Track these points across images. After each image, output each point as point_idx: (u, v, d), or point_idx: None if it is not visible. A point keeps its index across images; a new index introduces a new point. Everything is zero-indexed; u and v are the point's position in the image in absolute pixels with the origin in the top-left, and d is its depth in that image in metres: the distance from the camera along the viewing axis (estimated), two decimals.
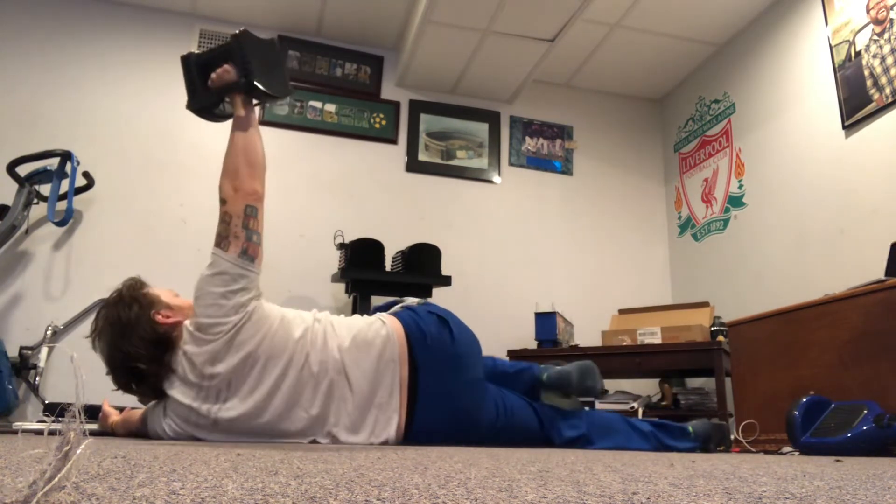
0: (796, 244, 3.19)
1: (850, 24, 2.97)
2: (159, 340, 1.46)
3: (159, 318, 1.47)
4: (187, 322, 1.47)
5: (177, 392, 1.44)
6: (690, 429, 1.86)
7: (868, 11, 2.88)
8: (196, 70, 1.61)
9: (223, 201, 1.49)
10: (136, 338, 1.44)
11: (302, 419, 1.45)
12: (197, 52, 1.64)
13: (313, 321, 1.55)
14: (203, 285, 1.45)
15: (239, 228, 1.46)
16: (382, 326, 1.57)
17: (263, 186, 1.54)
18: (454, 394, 1.53)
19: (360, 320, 1.62)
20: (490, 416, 1.60)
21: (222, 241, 1.46)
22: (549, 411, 1.71)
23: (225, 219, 1.47)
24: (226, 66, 1.57)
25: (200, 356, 1.43)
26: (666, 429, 1.82)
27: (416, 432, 1.50)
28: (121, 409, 1.72)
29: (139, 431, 1.57)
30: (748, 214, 3.57)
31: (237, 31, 1.60)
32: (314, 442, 1.45)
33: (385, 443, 1.48)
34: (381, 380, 1.51)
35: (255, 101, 1.61)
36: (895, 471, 0.79)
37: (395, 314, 1.64)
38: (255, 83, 1.56)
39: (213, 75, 1.58)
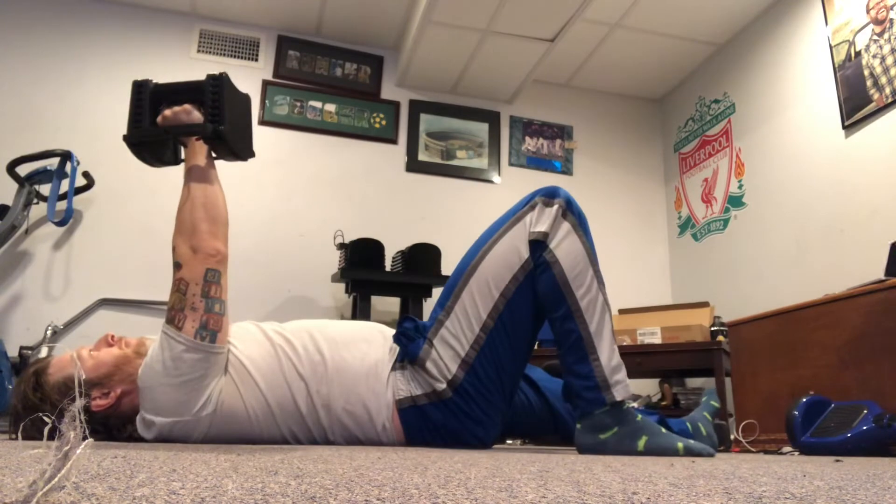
0: (796, 244, 3.19)
1: (850, 24, 2.97)
2: (108, 424, 1.21)
3: (97, 403, 1.20)
4: (137, 418, 1.20)
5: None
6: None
7: (868, 11, 2.88)
8: (150, 99, 1.36)
9: (178, 265, 1.23)
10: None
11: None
12: (156, 81, 1.39)
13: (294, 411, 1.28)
14: (151, 376, 1.18)
15: (197, 298, 1.20)
16: (383, 432, 1.31)
17: (227, 246, 1.28)
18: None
19: (362, 421, 1.30)
20: (509, 433, 1.52)
21: (176, 315, 1.19)
22: (569, 414, 1.56)
23: (180, 287, 1.21)
24: (186, 106, 1.32)
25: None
26: None
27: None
28: None
29: None
30: (748, 214, 3.58)
31: (219, 74, 1.38)
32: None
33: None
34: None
35: (213, 155, 1.39)
36: (895, 471, 0.79)
37: (402, 411, 1.31)
38: (225, 135, 1.32)
39: (168, 112, 1.30)
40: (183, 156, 1.37)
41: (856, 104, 2.90)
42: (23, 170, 3.05)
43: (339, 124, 3.83)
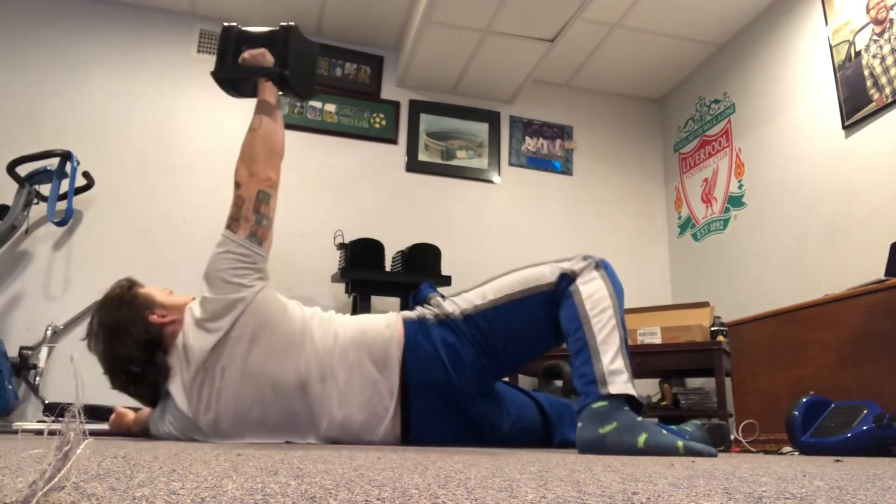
0: (796, 244, 3.19)
1: (850, 24, 2.97)
2: (153, 341, 1.44)
3: (154, 318, 1.46)
4: (192, 304, 1.47)
5: (176, 387, 1.42)
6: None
7: (868, 11, 2.88)
8: (234, 42, 1.64)
9: (237, 185, 1.51)
10: (129, 339, 1.42)
11: (298, 412, 1.43)
12: (241, 26, 1.69)
13: (320, 319, 1.54)
14: (211, 264, 1.46)
15: (250, 212, 1.48)
16: (386, 329, 1.51)
17: (278, 174, 1.56)
18: (451, 416, 1.47)
19: (368, 324, 1.53)
20: (498, 425, 1.55)
21: (233, 223, 1.49)
22: (556, 416, 1.68)
23: (237, 202, 1.49)
24: (262, 50, 1.61)
25: (200, 349, 1.40)
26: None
27: (412, 441, 1.48)
28: (134, 410, 1.72)
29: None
30: (748, 214, 3.57)
31: (289, 24, 1.65)
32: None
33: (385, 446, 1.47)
34: (381, 399, 1.45)
35: (280, 93, 1.66)
36: (895, 471, 0.79)
37: (406, 322, 1.52)
38: (288, 78, 1.59)
39: (246, 54, 1.61)
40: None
41: (856, 104, 2.90)
42: (23, 170, 3.05)
43: (339, 124, 3.83)
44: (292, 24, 1.65)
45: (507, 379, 2.08)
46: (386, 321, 1.53)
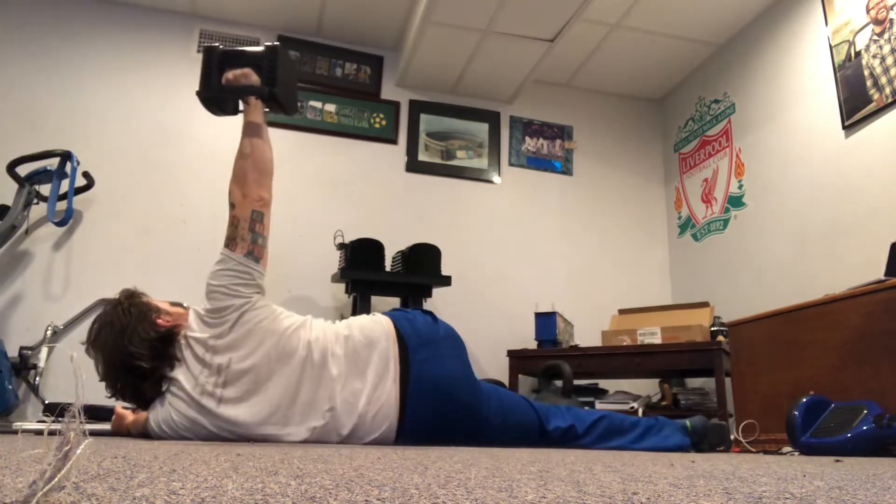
0: (796, 244, 3.19)
1: (850, 24, 2.97)
2: (161, 338, 1.53)
3: (160, 321, 1.56)
4: (194, 307, 1.58)
5: (181, 373, 1.50)
6: (688, 424, 1.86)
7: (868, 11, 2.88)
8: (217, 62, 1.67)
9: (232, 205, 1.60)
10: (137, 339, 1.50)
11: (302, 404, 1.51)
12: (223, 47, 1.72)
13: (315, 318, 1.67)
14: (211, 280, 1.56)
15: (245, 231, 1.58)
16: (375, 316, 1.70)
17: (270, 193, 1.65)
18: (445, 374, 1.59)
19: (357, 317, 1.72)
20: (485, 405, 1.64)
21: (230, 242, 1.58)
22: (543, 405, 1.78)
23: (233, 222, 1.59)
24: (245, 70, 1.66)
25: (208, 340, 1.51)
26: (658, 424, 1.83)
27: (410, 420, 1.53)
28: (133, 410, 1.72)
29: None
30: (748, 214, 3.57)
31: (275, 44, 1.70)
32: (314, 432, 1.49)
33: (381, 431, 1.51)
34: (376, 365, 1.57)
35: (265, 109, 1.71)
36: (895, 471, 0.79)
37: (383, 313, 1.75)
38: (277, 97, 1.66)
39: (230, 75, 1.67)
40: (241, 108, 1.72)
41: (856, 104, 2.89)
42: (23, 170, 3.04)
43: (339, 124, 3.83)
44: (277, 44, 1.72)
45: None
46: (370, 315, 1.72)
